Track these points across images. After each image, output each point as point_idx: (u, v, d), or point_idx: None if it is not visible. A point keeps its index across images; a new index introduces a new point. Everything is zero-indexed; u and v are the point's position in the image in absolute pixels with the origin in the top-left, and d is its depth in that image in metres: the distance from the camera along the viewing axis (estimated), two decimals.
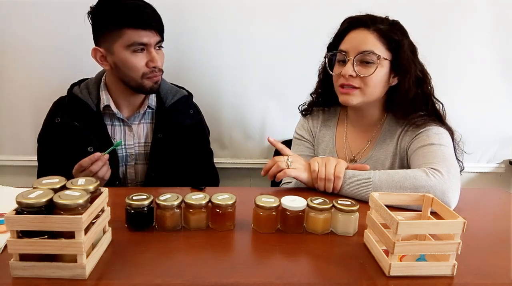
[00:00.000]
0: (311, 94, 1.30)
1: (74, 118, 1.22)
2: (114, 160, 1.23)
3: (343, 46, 1.12)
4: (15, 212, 0.61)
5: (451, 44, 1.63)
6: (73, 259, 0.61)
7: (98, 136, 1.23)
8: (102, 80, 1.28)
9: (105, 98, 1.25)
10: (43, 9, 1.50)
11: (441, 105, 1.15)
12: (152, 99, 1.31)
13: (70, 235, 0.60)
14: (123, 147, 1.29)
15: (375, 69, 1.07)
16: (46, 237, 0.61)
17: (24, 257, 0.62)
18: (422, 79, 1.12)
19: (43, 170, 1.27)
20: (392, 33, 1.09)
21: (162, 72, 1.24)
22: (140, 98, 1.29)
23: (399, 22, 1.13)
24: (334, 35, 1.17)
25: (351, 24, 1.12)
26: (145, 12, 1.15)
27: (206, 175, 1.43)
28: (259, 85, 1.66)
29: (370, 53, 1.07)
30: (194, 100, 1.41)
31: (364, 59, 1.08)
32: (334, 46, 1.17)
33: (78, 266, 0.61)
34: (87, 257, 0.62)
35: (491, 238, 0.83)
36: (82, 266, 0.61)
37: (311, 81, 1.29)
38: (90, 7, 1.18)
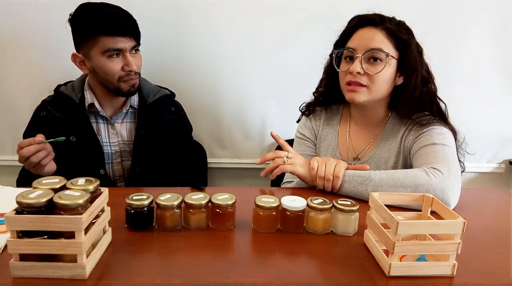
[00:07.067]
0: (313, 93, 1.29)
1: (58, 110, 1.27)
2: (99, 157, 1.29)
3: (351, 43, 1.11)
4: (15, 212, 0.61)
5: (451, 44, 1.63)
6: (73, 259, 0.61)
7: (81, 127, 1.26)
8: (86, 81, 1.32)
9: (89, 97, 1.29)
10: (45, 8, 1.50)
11: (444, 105, 1.15)
12: (134, 99, 1.34)
13: (70, 235, 0.60)
14: (108, 144, 1.32)
15: (383, 67, 1.07)
16: (46, 237, 0.61)
17: (24, 257, 0.62)
18: (427, 79, 1.13)
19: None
20: (400, 32, 1.09)
21: (139, 75, 1.28)
22: (122, 99, 1.33)
23: (405, 23, 1.13)
24: (341, 32, 1.16)
25: (360, 22, 1.12)
26: (119, 20, 1.18)
27: (189, 169, 1.44)
28: (259, 85, 1.66)
29: (379, 50, 1.07)
30: (194, 100, 1.41)
31: (373, 57, 1.08)
32: (341, 43, 1.16)
33: (78, 266, 0.61)
34: (87, 257, 0.62)
35: (491, 238, 0.83)
36: (82, 266, 0.61)
37: (311, 82, 1.28)
38: (70, 14, 1.21)
